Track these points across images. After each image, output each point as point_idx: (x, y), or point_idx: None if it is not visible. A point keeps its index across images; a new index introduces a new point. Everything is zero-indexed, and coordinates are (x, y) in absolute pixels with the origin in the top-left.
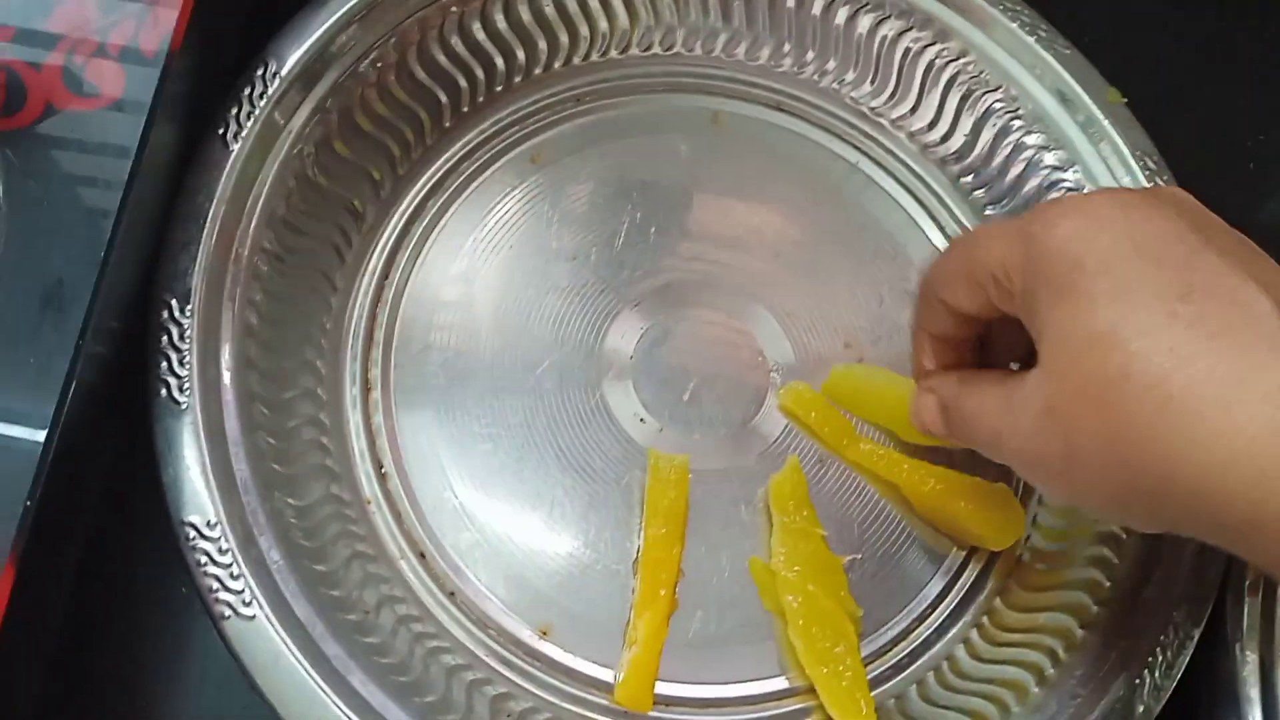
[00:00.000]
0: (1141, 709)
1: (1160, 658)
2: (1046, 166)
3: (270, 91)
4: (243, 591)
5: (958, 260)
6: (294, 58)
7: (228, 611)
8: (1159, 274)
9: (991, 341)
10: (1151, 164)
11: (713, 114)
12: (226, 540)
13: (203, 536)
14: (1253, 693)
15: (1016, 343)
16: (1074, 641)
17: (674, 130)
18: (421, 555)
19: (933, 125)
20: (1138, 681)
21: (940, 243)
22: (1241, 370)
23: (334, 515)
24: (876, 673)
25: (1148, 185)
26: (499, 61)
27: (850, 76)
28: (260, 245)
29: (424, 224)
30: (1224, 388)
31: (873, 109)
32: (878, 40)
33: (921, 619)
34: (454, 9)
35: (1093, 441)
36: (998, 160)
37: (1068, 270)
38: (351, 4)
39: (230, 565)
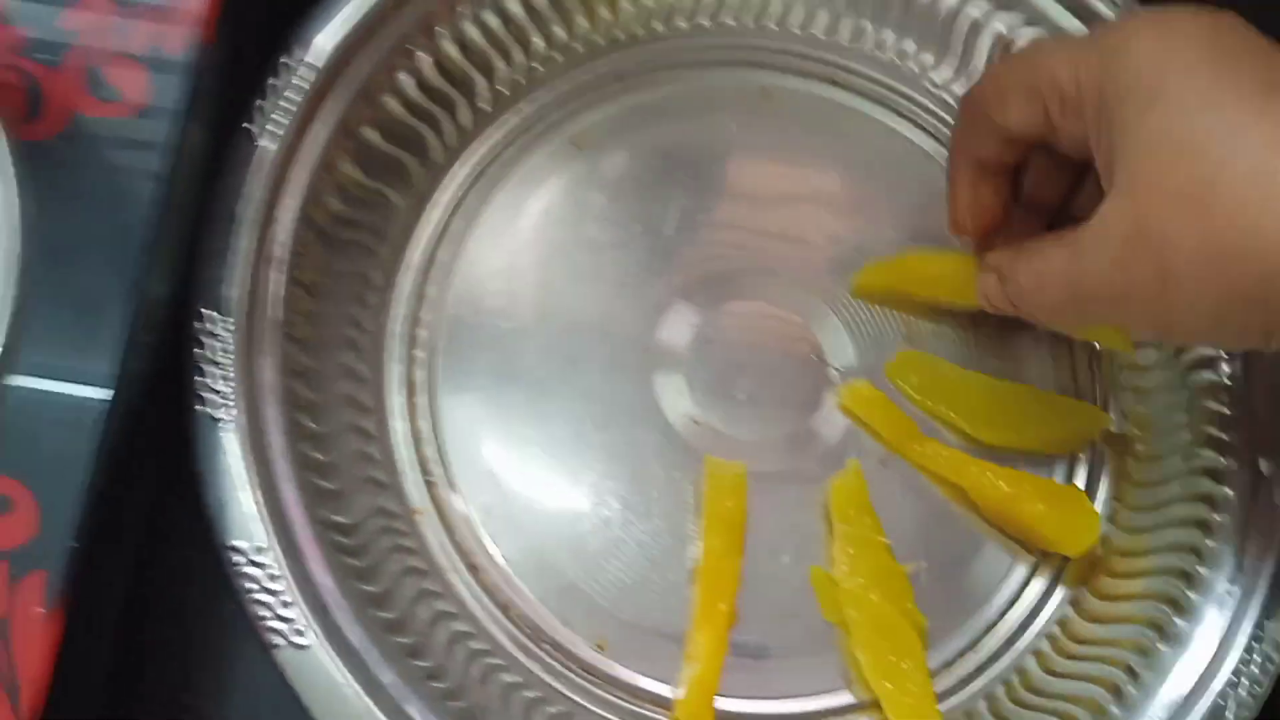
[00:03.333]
0: None
1: (1246, 672)
2: None
3: (300, 83)
4: (294, 619)
5: (1017, 73)
6: (324, 45)
7: (280, 641)
8: (1242, 76)
9: (1024, 187)
10: None
11: (762, 89)
12: (276, 566)
13: (251, 562)
14: None
15: (1050, 186)
16: (1154, 656)
17: (722, 108)
18: (474, 567)
19: None
20: (1220, 701)
21: None
22: None
23: (383, 529)
24: (944, 685)
25: None
26: (537, 40)
27: (910, 46)
28: (296, 246)
29: (464, 216)
30: None
31: (936, 83)
32: (959, 18)
33: (989, 628)
34: None
35: (1191, 254)
36: None
37: (1152, 78)
38: None
39: (282, 592)
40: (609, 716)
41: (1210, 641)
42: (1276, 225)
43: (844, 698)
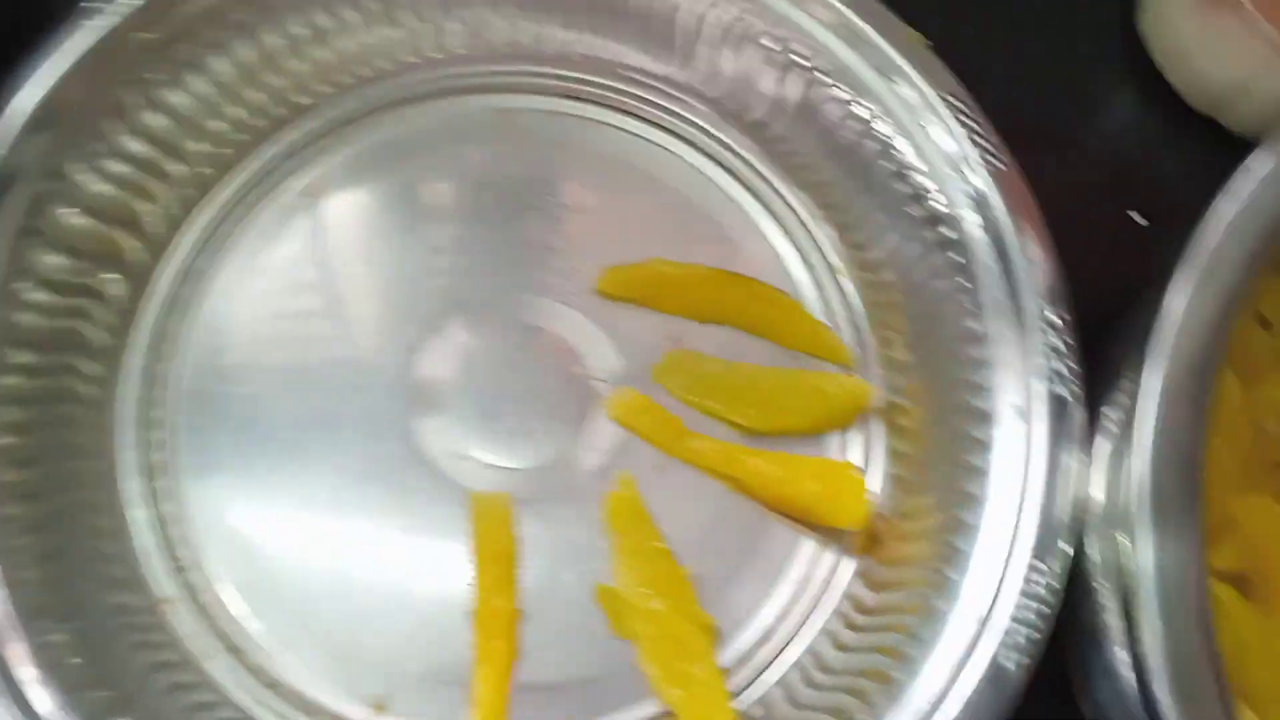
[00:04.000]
0: (1013, 671)
1: (1022, 618)
2: (855, 119)
3: None
4: None
5: None
6: (5, 136)
7: None
8: None
9: None
10: (963, 105)
11: (501, 113)
12: None
13: None
14: (1112, 621)
15: None
16: (934, 616)
17: (461, 138)
18: (235, 649)
19: (737, 93)
20: (998, 651)
21: (761, 219)
22: None
23: (124, 627)
24: (740, 681)
25: (960, 128)
26: (252, 93)
27: (647, 53)
28: None
29: (193, 284)
30: None
31: (672, 81)
32: (679, 12)
33: (782, 616)
34: (190, 47)
35: None
36: (811, 121)
37: None
38: (78, 56)
39: None
40: None
41: (987, 592)
42: None
43: (645, 710)
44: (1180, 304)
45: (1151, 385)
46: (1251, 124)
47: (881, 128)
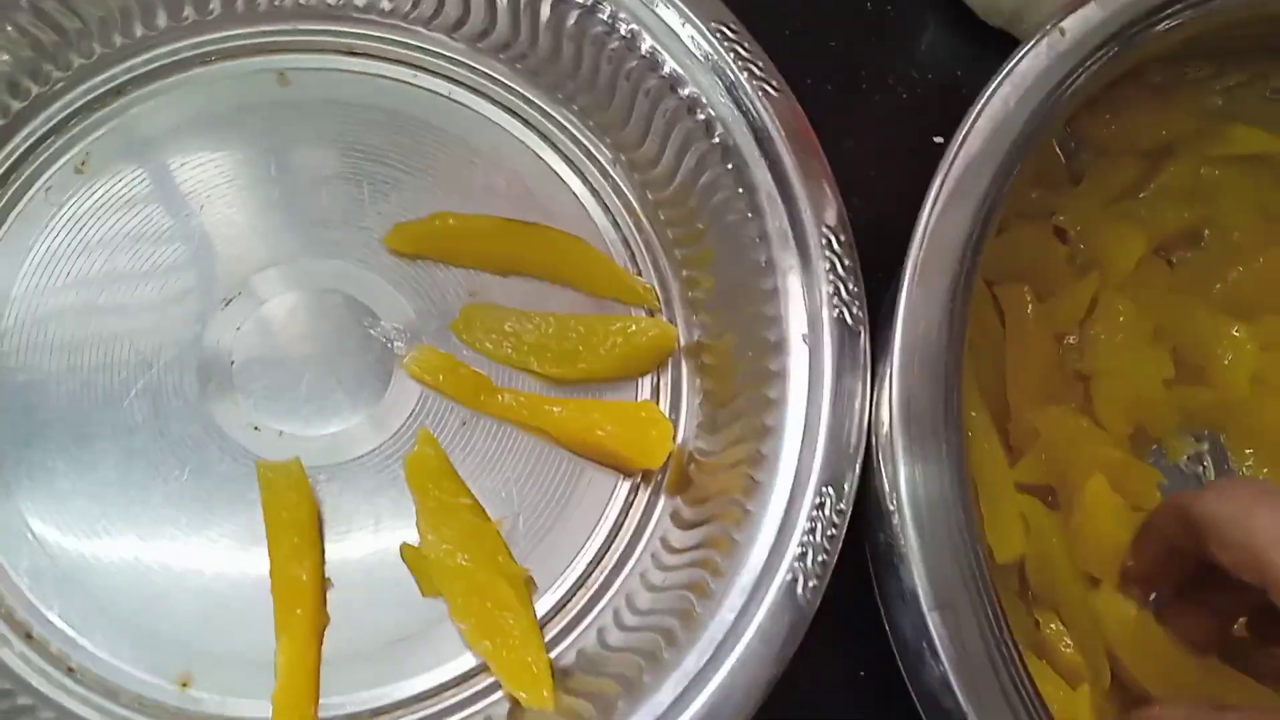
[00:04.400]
0: (802, 595)
1: (812, 543)
2: (642, 56)
3: None
4: None
5: (1237, 529)
6: None
7: None
8: None
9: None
10: (732, 32)
11: (278, 74)
12: None
13: None
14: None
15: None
16: (734, 548)
17: (239, 103)
18: (28, 636)
19: (520, 41)
20: (790, 577)
21: (551, 159)
22: None
23: None
24: (557, 629)
25: (731, 57)
26: (13, 71)
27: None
28: None
29: None
30: None
31: (450, 32)
32: None
33: (597, 561)
34: None
35: None
36: (587, 64)
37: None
38: None
39: None
40: None
41: (779, 521)
42: None
43: (459, 666)
44: (932, 218)
45: (903, 301)
46: None
47: (665, 65)
